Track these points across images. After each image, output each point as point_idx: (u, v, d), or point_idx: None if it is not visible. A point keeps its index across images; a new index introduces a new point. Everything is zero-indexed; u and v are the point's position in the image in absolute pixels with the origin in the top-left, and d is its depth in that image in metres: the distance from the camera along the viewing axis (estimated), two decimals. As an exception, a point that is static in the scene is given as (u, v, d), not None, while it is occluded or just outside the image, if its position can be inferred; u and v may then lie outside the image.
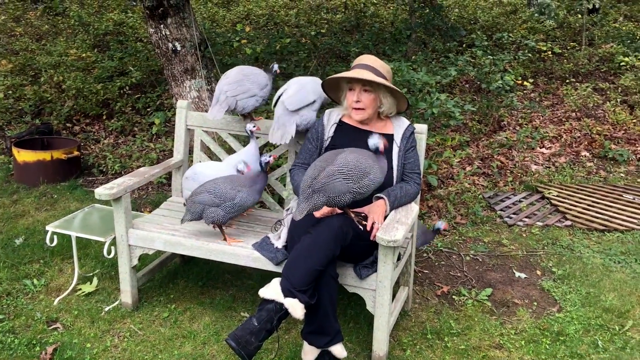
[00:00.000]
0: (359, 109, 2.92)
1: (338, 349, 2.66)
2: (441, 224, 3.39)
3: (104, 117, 6.18)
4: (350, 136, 3.01)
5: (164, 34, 4.61)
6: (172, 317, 3.19)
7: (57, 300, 3.31)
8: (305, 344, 2.70)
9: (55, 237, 3.39)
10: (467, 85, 7.17)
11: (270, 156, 2.99)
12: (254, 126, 3.19)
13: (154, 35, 4.68)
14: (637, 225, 4.36)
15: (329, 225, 2.63)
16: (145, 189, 5.01)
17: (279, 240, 2.92)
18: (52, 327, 3.07)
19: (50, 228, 3.35)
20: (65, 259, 3.77)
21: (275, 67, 3.40)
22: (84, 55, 7.13)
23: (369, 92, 2.91)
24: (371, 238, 2.68)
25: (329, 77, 3.01)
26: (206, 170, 3.16)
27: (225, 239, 3.01)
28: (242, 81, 3.24)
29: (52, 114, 6.16)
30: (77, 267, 3.44)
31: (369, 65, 2.92)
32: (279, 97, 3.16)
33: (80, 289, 3.41)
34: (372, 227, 2.71)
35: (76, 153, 5.15)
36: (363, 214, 2.84)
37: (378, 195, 2.84)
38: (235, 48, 6.16)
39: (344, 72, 2.98)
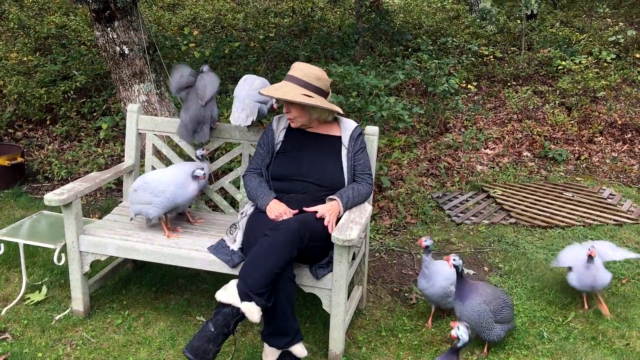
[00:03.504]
0: (291, 119, 3.00)
1: (298, 349, 2.69)
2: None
3: (48, 122, 6.01)
4: (300, 139, 3.05)
5: (111, 37, 4.54)
6: (125, 323, 3.15)
7: (5, 310, 3.22)
8: (266, 345, 2.72)
9: (1, 245, 3.29)
10: (413, 89, 7.33)
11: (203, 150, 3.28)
12: (204, 150, 3.32)
13: (100, 38, 4.60)
14: (577, 221, 4.57)
15: (287, 228, 2.66)
16: (93, 194, 4.91)
17: (234, 243, 2.93)
18: (1, 338, 2.98)
19: (-4, 236, 3.26)
20: (12, 267, 3.66)
21: (205, 68, 3.34)
22: (25, 59, 6.91)
23: (294, 105, 2.94)
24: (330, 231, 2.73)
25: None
26: (162, 177, 3.12)
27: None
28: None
29: (-7, 119, 5.96)
30: (25, 276, 3.35)
31: (294, 77, 2.93)
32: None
33: (29, 298, 3.32)
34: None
35: (20, 159, 5.00)
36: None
37: (331, 197, 2.89)
38: (183, 52, 6.12)
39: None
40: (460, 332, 2.45)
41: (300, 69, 2.96)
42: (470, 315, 2.89)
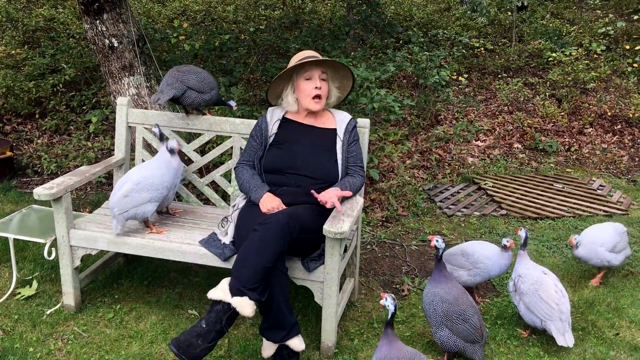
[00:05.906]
0: (318, 96, 2.97)
1: (295, 342, 2.69)
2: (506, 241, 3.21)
3: (37, 116, 5.97)
4: (294, 131, 3.05)
5: (100, 30, 4.50)
6: (117, 317, 3.15)
7: (-5, 305, 3.21)
8: (264, 339, 2.72)
9: (-9, 240, 3.28)
10: (404, 81, 7.33)
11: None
12: (176, 144, 3.19)
13: (89, 31, 4.56)
14: (567, 212, 4.59)
15: (276, 221, 2.65)
16: (84, 188, 4.89)
17: (226, 236, 2.93)
18: (-9, 333, 2.97)
19: (-15, 231, 3.23)
20: (2, 262, 3.64)
21: (232, 104, 3.51)
22: (13, 52, 6.86)
23: (325, 81, 2.99)
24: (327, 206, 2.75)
25: (295, 63, 2.97)
26: (149, 171, 3.07)
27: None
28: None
29: (-19, 113, 5.91)
30: (16, 271, 3.34)
31: (316, 56, 3.00)
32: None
33: (19, 293, 3.30)
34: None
35: (9, 153, 4.96)
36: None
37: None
38: (173, 44, 6.07)
39: (303, 58, 2.97)
40: (387, 302, 2.47)
41: (312, 52, 3.05)
42: (424, 298, 2.84)
